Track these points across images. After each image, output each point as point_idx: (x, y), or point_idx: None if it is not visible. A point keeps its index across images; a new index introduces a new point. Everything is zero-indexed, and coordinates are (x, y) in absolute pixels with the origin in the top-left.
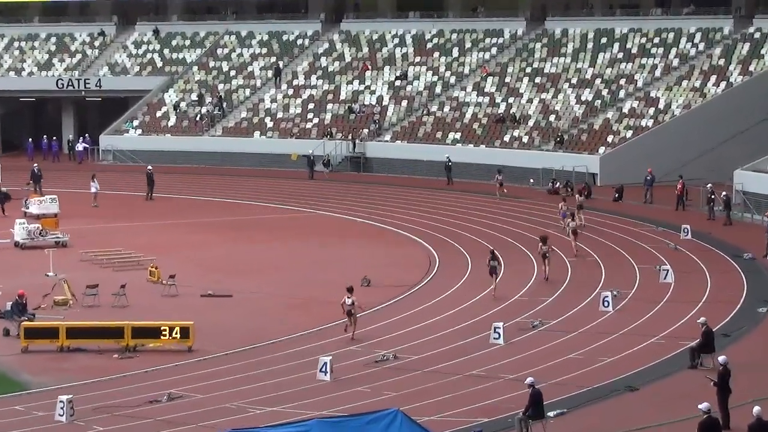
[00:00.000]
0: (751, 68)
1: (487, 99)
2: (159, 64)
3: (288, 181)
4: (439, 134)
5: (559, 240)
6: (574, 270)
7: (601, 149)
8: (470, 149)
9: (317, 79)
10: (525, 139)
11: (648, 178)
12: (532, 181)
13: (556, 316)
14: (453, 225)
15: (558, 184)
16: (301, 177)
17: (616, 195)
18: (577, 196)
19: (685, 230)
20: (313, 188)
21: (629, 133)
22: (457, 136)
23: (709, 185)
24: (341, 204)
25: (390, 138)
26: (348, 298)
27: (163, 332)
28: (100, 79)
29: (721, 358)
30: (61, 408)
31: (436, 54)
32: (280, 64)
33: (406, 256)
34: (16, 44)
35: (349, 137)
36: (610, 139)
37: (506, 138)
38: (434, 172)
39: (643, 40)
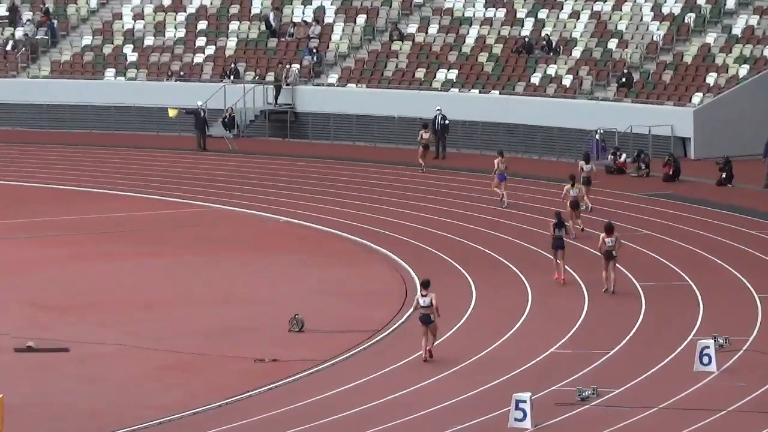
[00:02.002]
0: None
1: (502, 13)
2: None
3: (165, 154)
4: (420, 73)
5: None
6: (651, 302)
7: (697, 97)
8: (474, 98)
9: None
10: (567, 81)
11: None
12: (597, 133)
13: (620, 381)
14: (443, 226)
15: (624, 156)
16: (186, 146)
17: (722, 175)
18: (581, 164)
19: None
20: (206, 166)
21: (744, 70)
22: (452, 75)
23: None
24: (255, 192)
25: (337, 80)
26: (423, 296)
27: None
28: None
29: None
30: None
31: None
32: None
33: (365, 279)
34: None
35: (268, 78)
36: (711, 79)
37: (535, 78)
38: (412, 136)
39: None
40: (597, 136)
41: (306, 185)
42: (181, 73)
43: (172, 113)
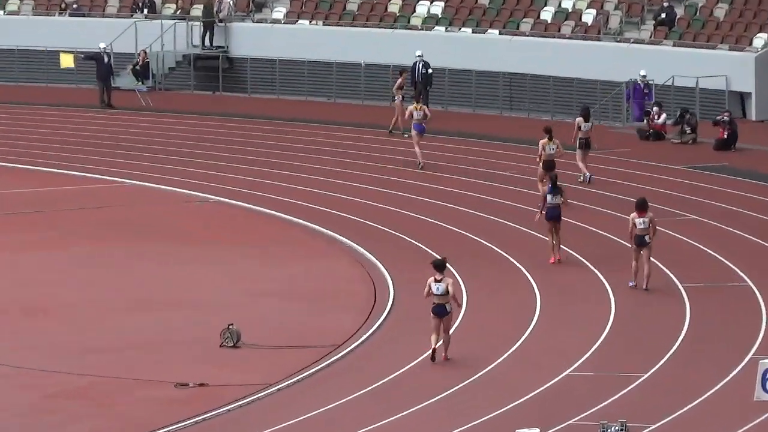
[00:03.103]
0: None
1: None
2: None
3: (57, 112)
4: (394, 6)
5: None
6: (697, 308)
7: (759, 40)
8: (467, 40)
9: None
10: (588, 17)
11: None
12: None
13: (656, 413)
14: (421, 207)
15: (663, 116)
16: (85, 102)
17: None
18: (579, 121)
19: None
20: (112, 128)
21: None
22: (437, 9)
23: None
24: (176, 163)
25: (284, 15)
26: (436, 281)
27: None
28: None
29: None
30: None
31: None
32: None
33: (321, 276)
34: None
35: (194, 13)
36: None
37: (546, 14)
38: (383, 89)
39: None
40: (639, 81)
41: (243, 154)
42: (75, 5)
43: (65, 61)
